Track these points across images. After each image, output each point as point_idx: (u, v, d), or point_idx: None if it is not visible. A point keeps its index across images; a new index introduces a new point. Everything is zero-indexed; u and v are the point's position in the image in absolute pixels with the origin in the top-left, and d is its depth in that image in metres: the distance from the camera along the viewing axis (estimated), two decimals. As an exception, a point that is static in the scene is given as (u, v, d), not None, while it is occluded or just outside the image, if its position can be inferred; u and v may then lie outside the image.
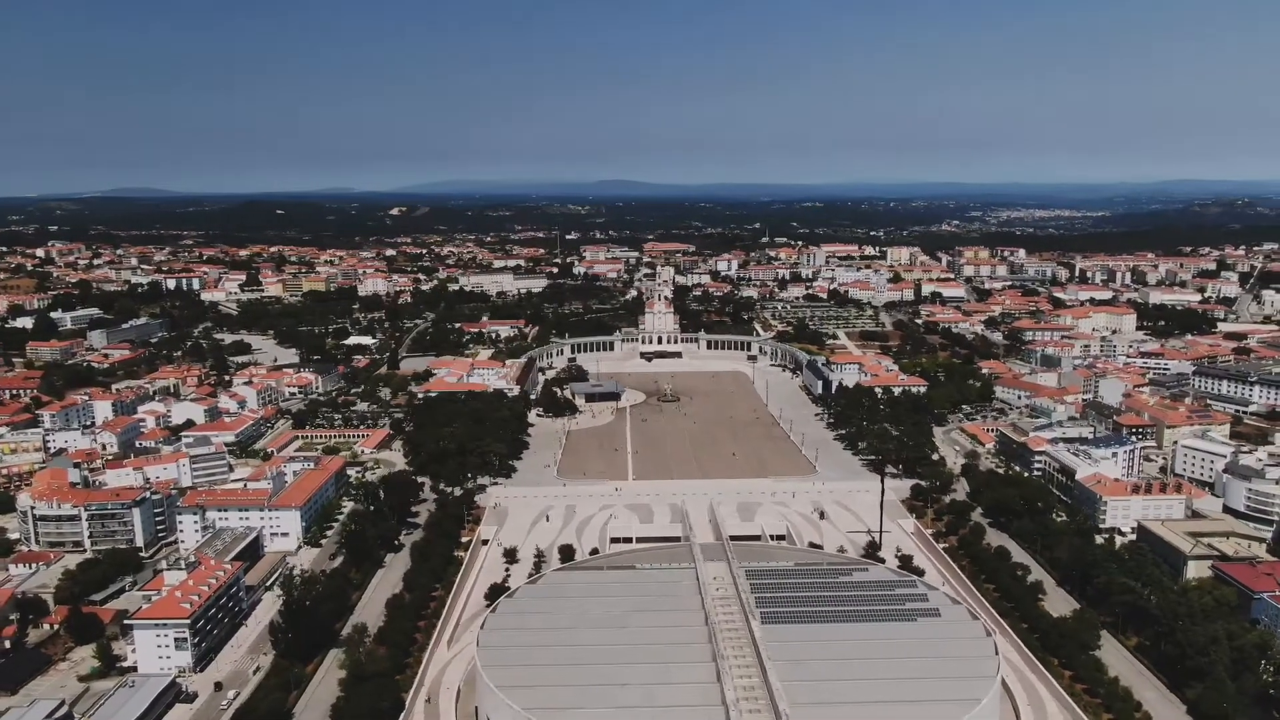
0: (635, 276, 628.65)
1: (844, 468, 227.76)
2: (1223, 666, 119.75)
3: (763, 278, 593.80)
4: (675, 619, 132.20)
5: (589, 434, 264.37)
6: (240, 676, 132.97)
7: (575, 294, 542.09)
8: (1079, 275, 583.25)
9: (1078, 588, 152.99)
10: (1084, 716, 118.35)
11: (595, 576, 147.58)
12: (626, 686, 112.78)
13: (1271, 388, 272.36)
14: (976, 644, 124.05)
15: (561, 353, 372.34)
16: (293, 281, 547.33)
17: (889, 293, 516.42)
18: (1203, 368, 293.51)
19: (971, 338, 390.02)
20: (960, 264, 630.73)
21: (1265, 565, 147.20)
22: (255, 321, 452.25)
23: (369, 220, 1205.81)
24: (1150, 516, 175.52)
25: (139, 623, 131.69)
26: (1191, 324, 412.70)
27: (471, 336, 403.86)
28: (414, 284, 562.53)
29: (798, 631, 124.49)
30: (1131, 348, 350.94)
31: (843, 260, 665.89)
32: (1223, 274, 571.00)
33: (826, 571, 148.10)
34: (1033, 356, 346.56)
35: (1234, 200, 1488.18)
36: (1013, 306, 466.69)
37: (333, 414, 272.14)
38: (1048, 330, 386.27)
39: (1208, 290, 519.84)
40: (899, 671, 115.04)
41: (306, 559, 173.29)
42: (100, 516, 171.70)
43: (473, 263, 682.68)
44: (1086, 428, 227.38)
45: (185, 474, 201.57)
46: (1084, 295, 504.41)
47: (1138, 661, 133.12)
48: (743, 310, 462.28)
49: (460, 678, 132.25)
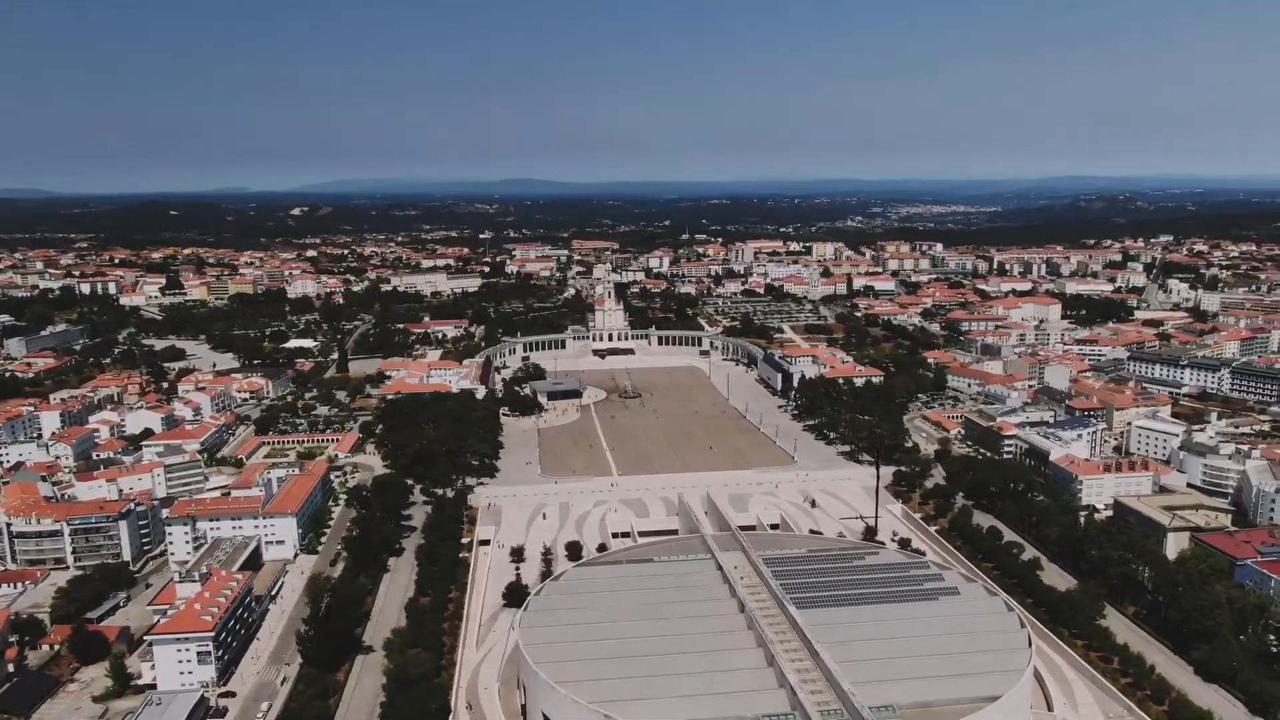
0: (568, 275, 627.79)
1: (820, 457, 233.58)
2: (1226, 627, 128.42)
3: (697, 274, 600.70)
4: (710, 608, 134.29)
5: (560, 432, 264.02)
6: (268, 688, 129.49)
7: (512, 293, 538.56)
8: (997, 268, 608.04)
9: (1070, 563, 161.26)
10: (1104, 681, 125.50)
11: (617, 571, 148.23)
12: (684, 676, 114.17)
13: (1201, 370, 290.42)
14: (1001, 619, 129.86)
15: (514, 351, 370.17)
16: (218, 284, 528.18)
17: (822, 287, 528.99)
18: (1136, 353, 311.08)
19: (912, 329, 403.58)
20: (885, 258, 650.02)
21: (1243, 534, 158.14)
22: (183, 326, 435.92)
23: (269, 221, 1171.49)
24: (1123, 493, 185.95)
25: (160, 638, 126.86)
26: (1110, 312, 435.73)
27: (417, 337, 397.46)
28: (344, 285, 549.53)
29: (833, 615, 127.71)
30: (1065, 336, 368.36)
31: (771, 256, 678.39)
32: (1129, 265, 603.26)
33: (839, 556, 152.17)
34: (973, 346, 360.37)
35: (1116, 195, 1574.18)
36: (942, 299, 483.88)
37: (294, 419, 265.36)
38: (982, 321, 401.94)
39: (1118, 280, 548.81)
40: (939, 648, 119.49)
41: (305, 566, 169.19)
42: (84, 531, 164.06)
43: (399, 263, 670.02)
44: (1047, 412, 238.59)
45: (160, 484, 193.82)
46: (1005, 287, 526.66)
47: (1139, 629, 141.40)
48: (687, 306, 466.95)
49: (496, 678, 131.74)
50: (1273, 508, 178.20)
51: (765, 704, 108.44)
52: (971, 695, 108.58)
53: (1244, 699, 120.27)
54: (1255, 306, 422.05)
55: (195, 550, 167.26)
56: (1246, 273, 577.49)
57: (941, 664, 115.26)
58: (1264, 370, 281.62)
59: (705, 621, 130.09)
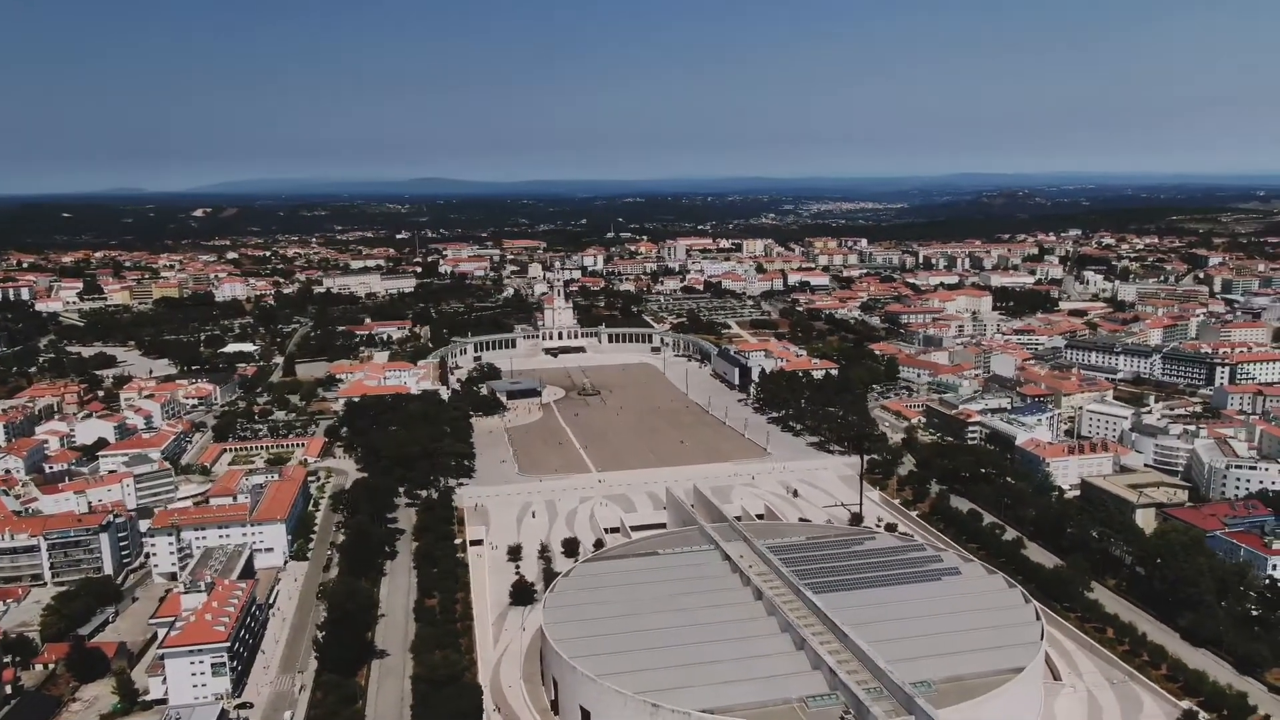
0: (503, 274, 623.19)
1: (791, 448, 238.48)
2: (1209, 594, 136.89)
3: (633, 272, 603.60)
4: (727, 597, 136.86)
5: (527, 431, 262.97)
6: (285, 697, 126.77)
7: (449, 293, 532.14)
8: (923, 262, 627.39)
9: (1049, 541, 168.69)
10: (1104, 650, 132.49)
11: (625, 565, 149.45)
12: (718, 663, 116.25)
13: (1134, 356, 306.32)
14: (1005, 595, 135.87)
15: (465, 351, 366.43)
16: (140, 288, 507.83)
17: (759, 283, 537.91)
18: (1072, 341, 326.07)
19: (853, 323, 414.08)
20: (815, 254, 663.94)
21: (1208, 508, 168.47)
22: (109, 332, 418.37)
23: (170, 223, 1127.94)
24: (1087, 474, 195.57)
25: (172, 650, 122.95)
26: (1036, 304, 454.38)
27: (361, 339, 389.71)
28: (274, 288, 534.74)
29: (848, 598, 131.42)
30: (1002, 327, 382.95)
31: (704, 254, 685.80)
32: (1045, 258, 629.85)
33: (838, 542, 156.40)
34: (914, 338, 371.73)
35: (1015, 191, 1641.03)
36: (877, 293, 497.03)
37: (252, 424, 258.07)
38: (920, 314, 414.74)
39: (1037, 273, 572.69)
40: (956, 625, 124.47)
41: (297, 573, 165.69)
42: (63, 545, 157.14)
43: (326, 264, 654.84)
44: (1004, 399, 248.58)
45: (130, 495, 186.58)
46: (934, 280, 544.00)
47: (1123, 599, 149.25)
48: (631, 304, 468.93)
49: (518, 675, 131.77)
50: (1224, 482, 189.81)
51: (804, 686, 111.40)
52: (997, 668, 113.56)
53: (1232, 660, 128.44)
54: (1169, 296, 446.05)
55: (179, 561, 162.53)
56: (1153, 265, 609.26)
57: (962, 640, 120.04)
58: (1192, 355, 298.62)
59: (725, 610, 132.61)
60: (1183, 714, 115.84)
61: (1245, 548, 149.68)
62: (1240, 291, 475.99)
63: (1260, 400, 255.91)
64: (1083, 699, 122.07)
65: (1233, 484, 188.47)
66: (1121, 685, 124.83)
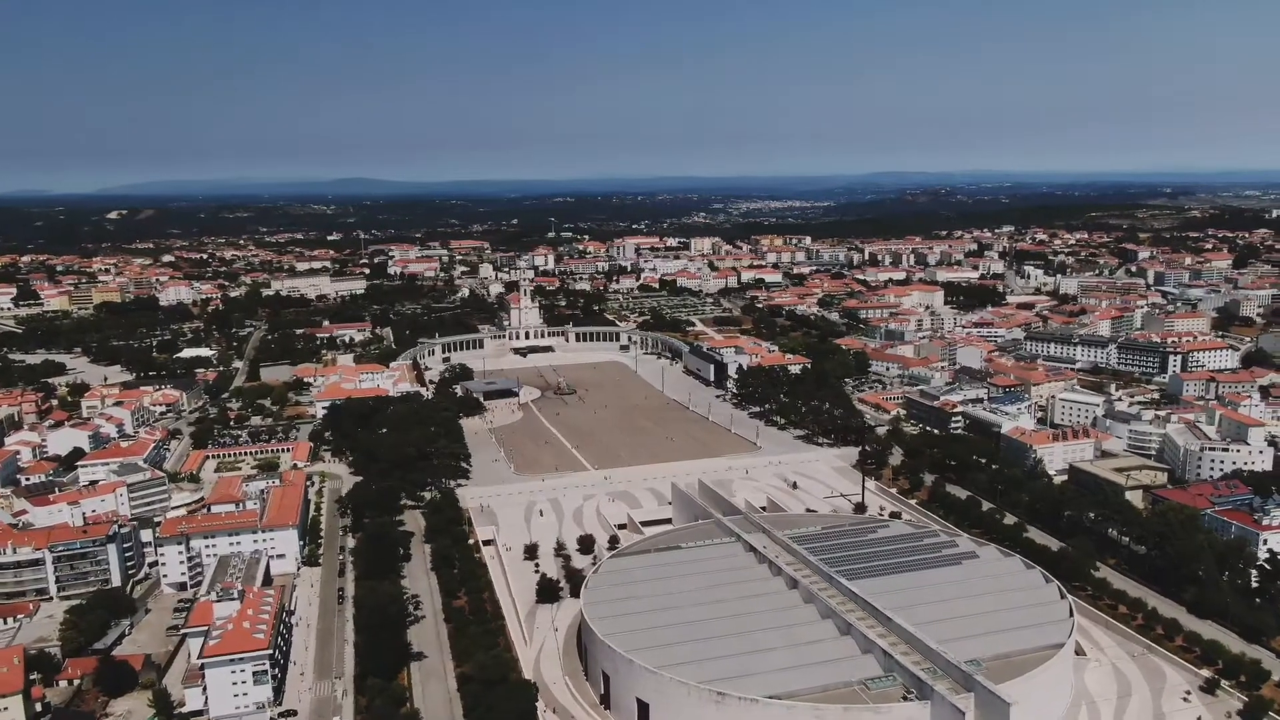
0: (453, 275, 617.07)
1: (779, 442, 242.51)
2: (1211, 569, 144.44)
3: (586, 271, 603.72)
4: (761, 586, 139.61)
5: (512, 431, 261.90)
6: (327, 703, 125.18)
7: (402, 295, 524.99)
8: (869, 258, 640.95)
9: (1047, 524, 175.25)
10: (1120, 625, 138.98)
11: (652, 559, 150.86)
12: (770, 651, 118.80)
13: (1091, 347, 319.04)
14: (1026, 576, 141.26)
15: (434, 353, 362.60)
16: (79, 293, 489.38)
17: (714, 281, 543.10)
18: (1031, 333, 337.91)
19: (814, 318, 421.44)
20: (764, 251, 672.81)
21: (1194, 488, 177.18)
22: (51, 339, 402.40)
23: (84, 225, 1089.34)
24: (1071, 460, 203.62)
25: (212, 660, 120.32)
26: (985, 298, 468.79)
27: (322, 342, 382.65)
28: (220, 291, 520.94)
29: (880, 584, 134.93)
30: (961, 320, 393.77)
31: (654, 252, 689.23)
32: (985, 253, 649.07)
33: (854, 531, 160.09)
34: (876, 332, 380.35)
35: (937, 190, 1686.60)
36: (830, 289, 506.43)
37: (229, 430, 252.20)
38: (877, 309, 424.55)
39: (980, 268, 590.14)
40: (988, 606, 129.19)
41: (311, 579, 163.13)
42: (68, 557, 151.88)
43: (269, 268, 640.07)
44: (981, 389, 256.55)
45: (123, 504, 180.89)
46: (883, 276, 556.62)
47: (1126, 577, 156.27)
48: (592, 303, 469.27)
49: (560, 672, 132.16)
50: (1199, 464, 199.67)
51: (858, 670, 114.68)
52: (1037, 645, 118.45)
53: (1238, 630, 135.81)
54: (1110, 289, 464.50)
55: (189, 570, 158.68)
56: (1087, 259, 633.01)
57: (997, 620, 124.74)
58: (1145, 345, 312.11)
59: (763, 600, 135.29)
60: (1205, 681, 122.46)
61: (1236, 524, 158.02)
62: (1173, 284, 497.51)
63: (1214, 386, 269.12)
64: (1109, 672, 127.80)
65: (1207, 465, 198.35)
66: (1142, 658, 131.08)
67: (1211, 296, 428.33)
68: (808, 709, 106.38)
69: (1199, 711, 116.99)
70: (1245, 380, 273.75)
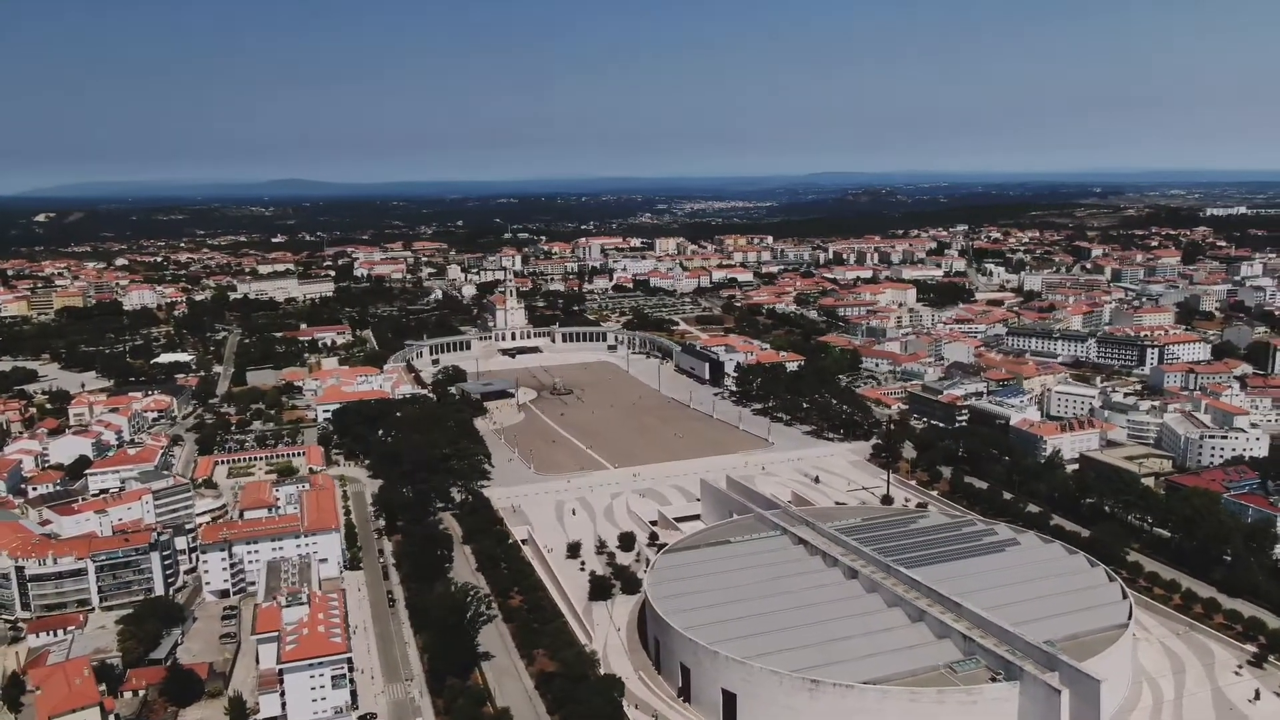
0: (421, 277, 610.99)
1: (789, 438, 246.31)
2: (1239, 549, 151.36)
3: (555, 272, 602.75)
4: (819, 578, 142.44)
5: (518, 431, 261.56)
6: (404, 706, 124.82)
7: (373, 297, 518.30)
8: (835, 257, 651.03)
9: (1069, 512, 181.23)
10: (1159, 605, 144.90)
11: (705, 554, 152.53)
12: (846, 640, 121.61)
13: (1071, 341, 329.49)
14: (1071, 561, 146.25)
15: (422, 355, 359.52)
16: (39, 298, 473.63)
17: (687, 280, 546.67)
18: (1013, 328, 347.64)
19: (794, 316, 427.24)
20: (730, 251, 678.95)
21: (1206, 474, 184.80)
22: (16, 345, 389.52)
23: (11, 229, 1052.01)
24: (1078, 450, 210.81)
25: (291, 665, 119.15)
26: (954, 295, 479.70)
27: (304, 345, 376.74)
28: (185, 294, 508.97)
29: (936, 571, 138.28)
30: (943, 317, 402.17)
31: (621, 252, 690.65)
32: (945, 252, 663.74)
33: (895, 522, 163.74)
34: (857, 330, 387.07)
35: (877, 190, 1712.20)
36: (804, 288, 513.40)
37: (232, 435, 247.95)
38: (855, 306, 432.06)
39: (943, 266, 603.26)
40: (1046, 590, 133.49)
41: (356, 582, 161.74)
42: (111, 567, 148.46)
43: (227, 270, 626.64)
44: (980, 384, 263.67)
45: (149, 512, 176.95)
46: (850, 275, 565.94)
47: (1154, 560, 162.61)
48: (572, 304, 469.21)
49: (629, 667, 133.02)
50: (1200, 451, 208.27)
51: (939, 654, 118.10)
52: (1101, 625, 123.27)
53: (1269, 606, 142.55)
54: (1073, 285, 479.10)
55: (232, 577, 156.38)
56: (1042, 256, 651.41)
57: (1057, 603, 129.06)
58: (1124, 339, 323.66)
59: (826, 590, 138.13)
60: (1254, 655, 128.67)
61: (1254, 507, 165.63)
62: (1129, 280, 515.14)
63: (1193, 377, 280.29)
64: (1159, 650, 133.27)
65: (1208, 452, 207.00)
66: (1186, 636, 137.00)
67: (1171, 292, 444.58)
68: (902, 693, 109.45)
69: (1254, 684, 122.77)
70: (1221, 371, 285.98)
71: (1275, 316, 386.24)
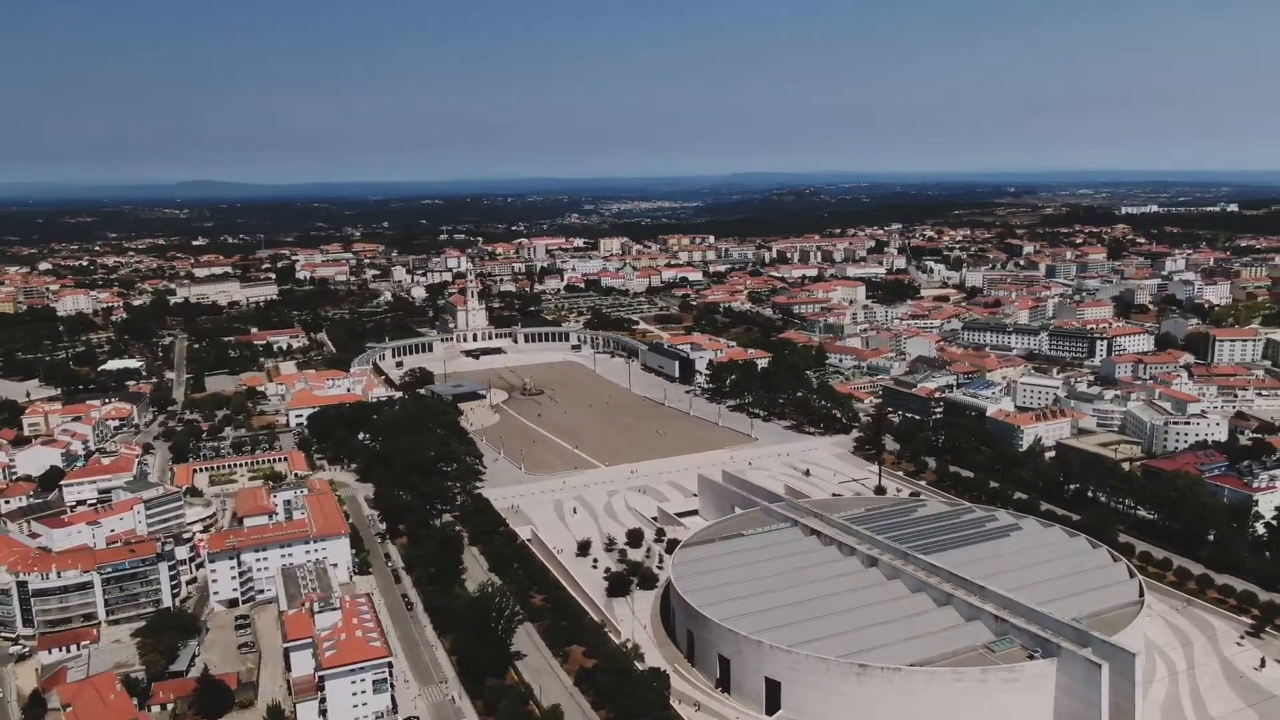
0: (365, 279, 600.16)
1: (769, 433, 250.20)
2: (1226, 528, 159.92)
3: (502, 273, 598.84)
4: (840, 567, 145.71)
5: (497, 432, 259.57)
6: (444, 708, 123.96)
7: (319, 300, 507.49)
8: (779, 255, 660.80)
9: (1054, 498, 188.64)
10: (1155, 582, 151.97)
11: (723, 547, 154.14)
12: (880, 625, 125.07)
13: (1024, 335, 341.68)
14: (1076, 543, 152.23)
15: (384, 357, 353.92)
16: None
17: (638, 280, 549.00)
18: (969, 323, 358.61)
19: (751, 314, 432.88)
20: (674, 250, 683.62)
21: (1181, 457, 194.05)
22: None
23: None
24: (1051, 439, 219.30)
25: (332, 671, 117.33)
26: (901, 292, 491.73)
27: (260, 349, 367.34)
28: (121, 299, 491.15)
29: (951, 557, 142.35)
30: (898, 313, 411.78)
31: (567, 252, 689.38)
32: (885, 250, 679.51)
33: (898, 512, 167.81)
34: (815, 326, 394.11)
35: (801, 189, 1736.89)
36: (753, 286, 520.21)
37: (205, 443, 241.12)
38: (808, 304, 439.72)
39: (884, 264, 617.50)
40: (1058, 571, 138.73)
41: (367, 587, 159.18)
42: (118, 579, 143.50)
43: (161, 274, 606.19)
44: (949, 377, 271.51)
45: (141, 523, 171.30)
46: (796, 274, 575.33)
47: (1142, 541, 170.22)
48: (528, 304, 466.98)
49: (661, 661, 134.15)
50: (1165, 437, 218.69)
51: (973, 636, 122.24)
52: (1118, 603, 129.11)
53: (1256, 581, 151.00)
54: (1014, 281, 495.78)
55: (241, 585, 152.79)
56: (976, 254, 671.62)
57: (1072, 583, 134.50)
58: (1074, 331, 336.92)
59: (849, 579, 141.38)
60: (1251, 626, 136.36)
61: (1229, 488, 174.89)
62: (1063, 275, 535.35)
63: (1143, 367, 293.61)
64: (1162, 625, 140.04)
65: (1173, 438, 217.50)
66: (1186, 610, 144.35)
67: (1106, 287, 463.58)
68: (948, 673, 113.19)
69: (1257, 654, 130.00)
70: (1168, 361, 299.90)
71: (1205, 309, 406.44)
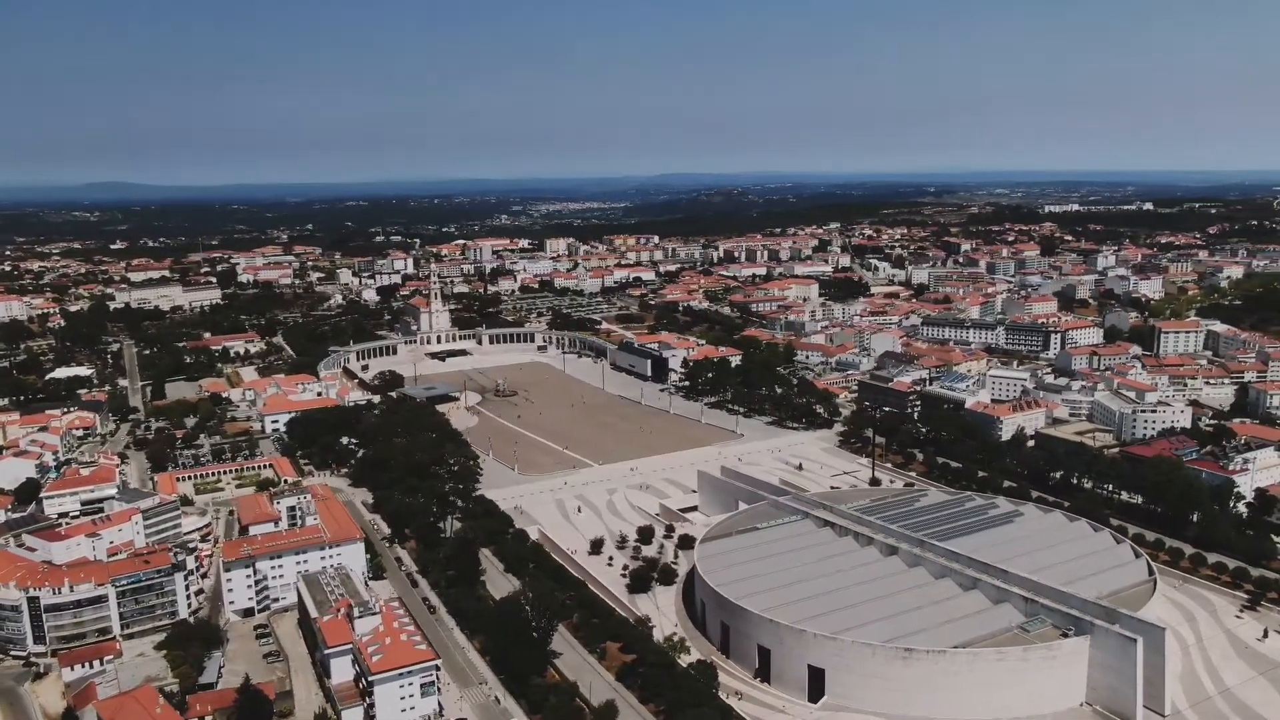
0: (310, 282, 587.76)
1: (753, 429, 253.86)
2: (1210, 508, 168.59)
3: (450, 275, 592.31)
4: (860, 556, 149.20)
5: (477, 434, 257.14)
6: (489, 709, 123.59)
7: (266, 304, 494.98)
8: (726, 255, 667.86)
9: (1040, 484, 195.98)
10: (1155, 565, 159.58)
11: (742, 541, 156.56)
12: (916, 610, 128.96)
13: (981, 329, 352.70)
14: (1079, 527, 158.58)
15: (349, 361, 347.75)
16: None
17: (591, 280, 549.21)
18: (928, 319, 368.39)
19: (711, 312, 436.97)
20: (622, 250, 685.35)
21: (1158, 444, 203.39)
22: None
23: None
24: (1031, 428, 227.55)
25: (381, 675, 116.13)
26: (852, 290, 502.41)
27: (217, 355, 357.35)
28: (57, 305, 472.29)
29: (968, 543, 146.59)
30: (856, 310, 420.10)
31: (512, 253, 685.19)
32: (829, 249, 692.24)
33: (902, 502, 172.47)
34: (775, 324, 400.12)
35: (729, 190, 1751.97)
36: (707, 285, 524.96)
37: (181, 450, 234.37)
38: (766, 302, 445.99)
39: (829, 262, 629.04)
40: (1069, 554, 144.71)
41: (383, 592, 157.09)
42: (133, 591, 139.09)
43: (94, 279, 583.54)
44: (921, 371, 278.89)
45: (139, 533, 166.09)
46: (746, 273, 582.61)
47: (1130, 523, 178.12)
48: (487, 306, 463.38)
49: (693, 652, 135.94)
50: (1134, 424, 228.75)
51: (1004, 618, 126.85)
52: (1131, 582, 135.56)
53: (1243, 558, 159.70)
54: (960, 278, 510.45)
55: (257, 594, 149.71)
56: (916, 252, 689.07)
57: (1086, 565, 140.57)
58: (1029, 326, 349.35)
59: (871, 567, 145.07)
60: (1247, 600, 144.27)
61: (1207, 471, 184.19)
62: (1003, 272, 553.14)
63: (1097, 359, 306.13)
64: (1166, 602, 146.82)
65: (1142, 425, 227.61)
66: (1184, 588, 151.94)
67: (1048, 283, 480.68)
68: (992, 654, 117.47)
69: (1258, 626, 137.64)
70: (1119, 353, 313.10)
71: (1142, 303, 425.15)
